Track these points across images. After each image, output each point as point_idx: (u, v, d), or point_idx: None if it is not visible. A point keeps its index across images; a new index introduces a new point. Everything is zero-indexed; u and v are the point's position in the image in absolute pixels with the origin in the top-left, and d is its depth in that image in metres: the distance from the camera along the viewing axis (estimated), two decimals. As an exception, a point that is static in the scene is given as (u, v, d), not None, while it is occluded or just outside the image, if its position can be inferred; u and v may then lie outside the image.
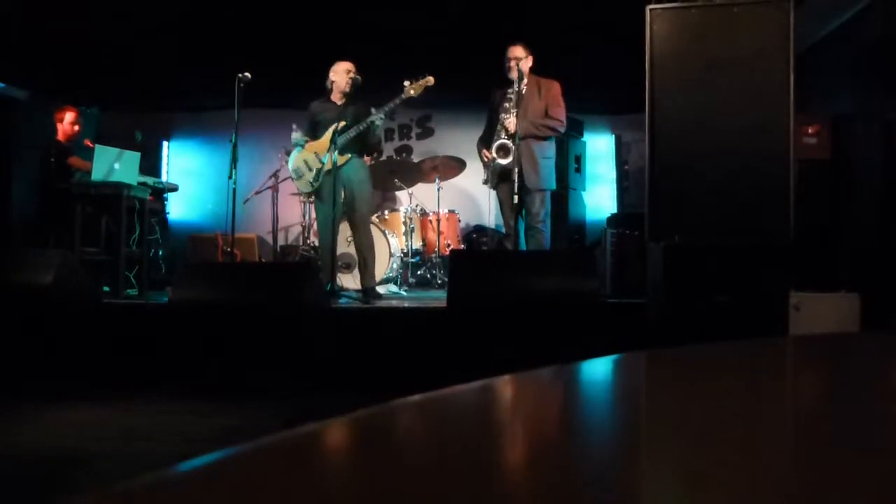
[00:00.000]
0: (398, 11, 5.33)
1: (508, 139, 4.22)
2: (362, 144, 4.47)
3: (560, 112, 4.28)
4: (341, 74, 4.42)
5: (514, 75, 4.24)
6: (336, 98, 4.46)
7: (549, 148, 4.34)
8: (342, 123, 4.30)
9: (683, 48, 3.33)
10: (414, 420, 0.54)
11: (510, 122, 4.23)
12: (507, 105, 4.27)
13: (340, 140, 4.26)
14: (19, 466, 2.27)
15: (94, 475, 2.16)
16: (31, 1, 5.00)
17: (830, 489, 0.36)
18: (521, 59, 4.30)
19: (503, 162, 4.25)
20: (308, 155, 4.42)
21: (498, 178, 4.37)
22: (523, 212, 4.34)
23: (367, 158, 4.65)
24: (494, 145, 4.30)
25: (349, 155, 4.35)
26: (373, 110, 4.36)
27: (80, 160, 4.89)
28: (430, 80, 4.35)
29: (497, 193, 4.48)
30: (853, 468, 0.39)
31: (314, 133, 4.47)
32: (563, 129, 4.34)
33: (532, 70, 4.39)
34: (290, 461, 0.41)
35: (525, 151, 4.19)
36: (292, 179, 4.64)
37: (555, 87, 4.31)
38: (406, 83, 4.34)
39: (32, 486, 2.07)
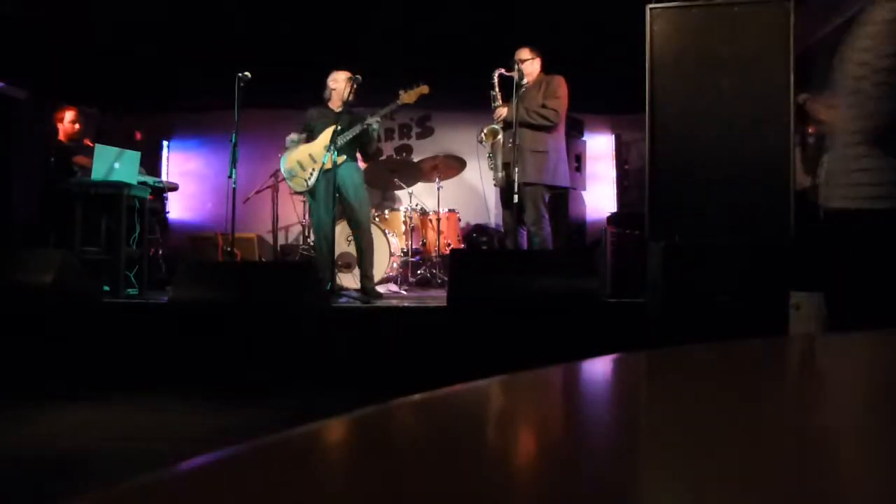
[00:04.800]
0: (398, 10, 5.34)
1: (499, 126, 4.41)
2: (358, 149, 4.50)
3: (556, 103, 4.24)
4: (341, 82, 4.45)
5: (515, 76, 4.27)
6: (335, 105, 4.49)
7: (542, 141, 4.27)
8: (337, 127, 4.33)
9: (683, 48, 3.33)
10: (414, 420, 0.54)
11: (500, 109, 4.36)
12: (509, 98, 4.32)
13: (338, 142, 4.29)
14: (19, 466, 2.27)
15: (94, 475, 2.16)
16: (31, 1, 5.00)
17: (831, 490, 0.36)
18: (525, 60, 4.35)
19: (487, 145, 4.47)
20: (302, 156, 4.44)
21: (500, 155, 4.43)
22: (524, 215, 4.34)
23: (362, 165, 4.68)
24: (484, 129, 4.46)
25: (344, 157, 4.36)
26: (368, 116, 4.38)
27: (85, 158, 4.89)
28: (425, 88, 4.39)
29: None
30: (854, 468, 0.39)
31: (309, 137, 4.50)
32: (556, 121, 4.26)
33: (543, 70, 4.45)
34: (290, 461, 0.41)
35: (520, 143, 4.19)
36: (284, 179, 4.65)
37: (555, 81, 4.32)
38: (401, 91, 4.37)
39: (32, 486, 2.07)
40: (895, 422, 0.51)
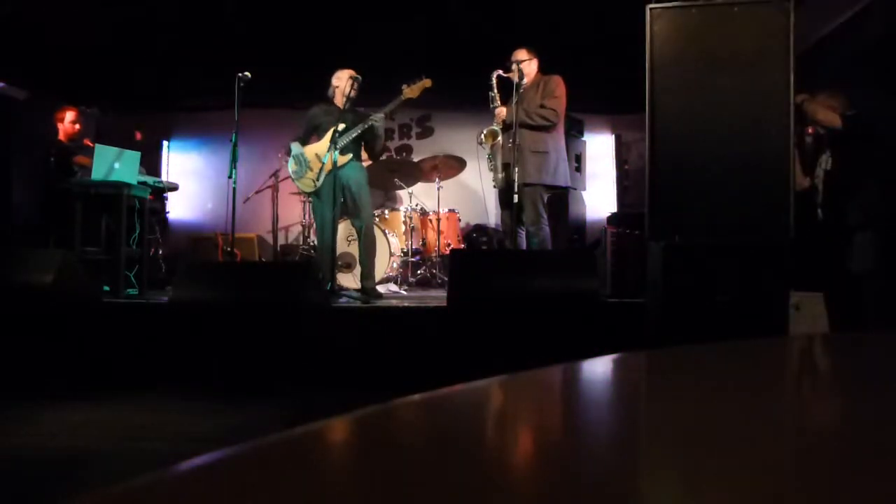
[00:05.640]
0: (398, 11, 5.34)
1: (498, 128, 4.41)
2: (363, 147, 4.50)
3: (554, 102, 4.25)
4: (344, 80, 4.44)
5: (514, 77, 4.27)
6: (338, 103, 4.48)
7: (542, 142, 4.27)
8: (342, 125, 4.32)
9: (683, 48, 3.33)
10: (414, 419, 0.54)
11: (500, 110, 4.36)
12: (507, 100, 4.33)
13: (341, 141, 4.29)
14: (19, 466, 2.27)
15: (94, 475, 2.16)
16: (31, 1, 5.00)
17: (831, 490, 0.36)
18: (523, 61, 4.35)
19: (486, 147, 4.46)
20: (309, 156, 4.44)
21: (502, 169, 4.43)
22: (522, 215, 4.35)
23: (367, 163, 4.68)
24: (484, 130, 4.46)
25: (350, 156, 4.37)
26: (372, 114, 4.38)
27: (85, 158, 4.89)
28: (428, 82, 4.38)
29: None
30: (854, 468, 0.39)
31: (314, 136, 4.50)
32: (555, 120, 4.26)
33: (540, 71, 4.46)
34: (290, 461, 0.41)
35: (520, 144, 4.19)
36: (293, 180, 4.65)
37: (553, 81, 4.32)
38: (403, 86, 4.37)
39: (32, 486, 2.07)
40: (894, 421, 0.51)
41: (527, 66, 4.38)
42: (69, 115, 5.13)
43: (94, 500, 0.34)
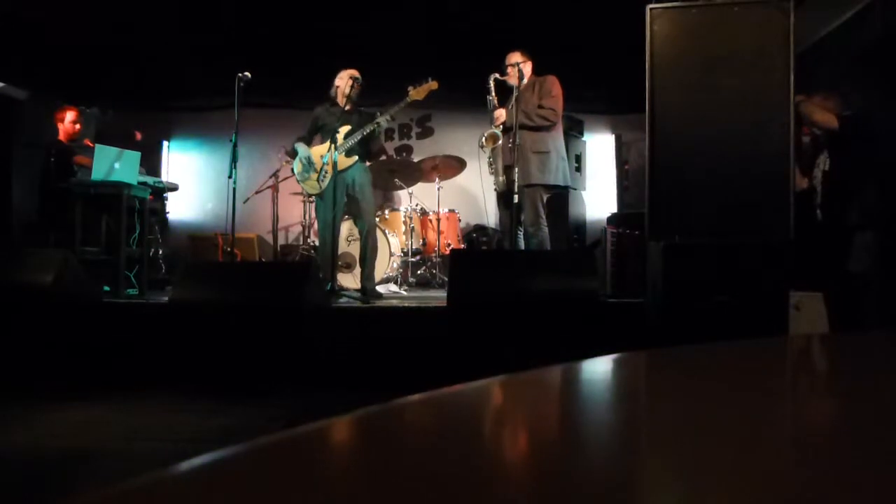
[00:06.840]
0: (398, 11, 5.34)
1: (498, 130, 4.40)
2: (366, 149, 4.50)
3: (552, 102, 4.26)
4: (345, 79, 4.44)
5: (513, 81, 4.28)
6: (341, 103, 4.48)
7: (543, 142, 4.28)
8: (347, 127, 4.32)
9: (683, 48, 3.33)
10: (414, 419, 0.54)
11: (498, 112, 4.36)
12: (505, 102, 4.33)
13: (347, 143, 4.30)
14: (19, 466, 2.27)
15: (94, 475, 2.16)
16: (31, 1, 5.00)
17: (830, 490, 0.36)
18: (518, 63, 4.37)
19: (487, 150, 4.45)
20: (314, 157, 4.45)
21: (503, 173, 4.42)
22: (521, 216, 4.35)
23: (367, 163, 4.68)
24: (485, 134, 4.44)
25: (355, 157, 4.38)
26: (378, 115, 4.37)
27: (85, 158, 4.90)
28: (434, 84, 4.39)
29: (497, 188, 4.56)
30: (853, 468, 0.39)
31: (318, 136, 4.50)
32: (555, 119, 4.28)
33: (534, 72, 4.46)
34: (290, 461, 0.41)
35: (521, 145, 4.19)
36: (298, 182, 4.65)
37: (549, 80, 4.34)
38: (410, 88, 4.36)
39: (32, 486, 2.07)
40: (893, 421, 0.51)
41: (522, 67, 4.39)
42: (69, 115, 5.13)
43: (94, 500, 0.34)
